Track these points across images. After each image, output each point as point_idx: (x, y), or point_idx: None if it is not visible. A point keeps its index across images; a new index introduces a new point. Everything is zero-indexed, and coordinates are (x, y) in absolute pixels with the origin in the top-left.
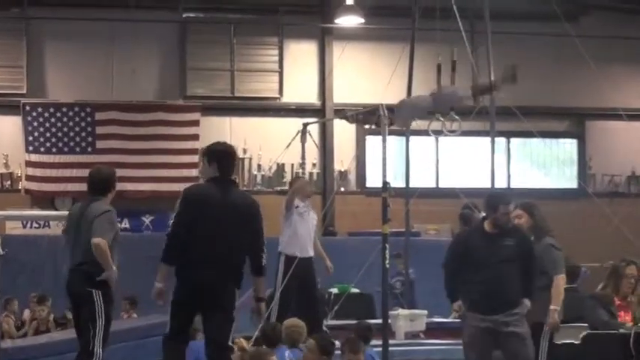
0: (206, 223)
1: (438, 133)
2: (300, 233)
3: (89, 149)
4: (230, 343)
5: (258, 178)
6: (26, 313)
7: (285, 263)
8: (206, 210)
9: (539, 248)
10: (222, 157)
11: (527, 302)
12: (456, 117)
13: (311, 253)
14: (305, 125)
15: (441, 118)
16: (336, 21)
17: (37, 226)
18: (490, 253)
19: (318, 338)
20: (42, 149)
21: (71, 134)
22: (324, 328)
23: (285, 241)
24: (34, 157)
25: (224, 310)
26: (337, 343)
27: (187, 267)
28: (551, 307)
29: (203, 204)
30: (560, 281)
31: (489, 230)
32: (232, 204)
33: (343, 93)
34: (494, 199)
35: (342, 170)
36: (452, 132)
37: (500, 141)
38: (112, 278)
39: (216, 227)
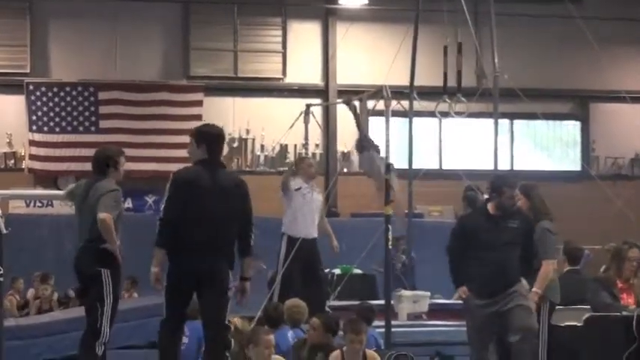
0: (197, 206)
1: (445, 114)
2: (302, 214)
3: (92, 129)
4: (227, 322)
5: (261, 159)
6: (30, 293)
7: (287, 244)
8: (196, 193)
9: (536, 231)
10: (211, 139)
11: (524, 281)
12: (463, 99)
13: (314, 235)
14: (308, 106)
15: (448, 100)
16: (340, 1)
17: (40, 205)
18: (495, 235)
19: (323, 317)
20: (45, 128)
21: (74, 114)
22: (327, 309)
23: (288, 222)
24: (38, 137)
25: (219, 290)
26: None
27: (180, 251)
28: (533, 289)
29: (193, 187)
30: (549, 267)
31: (493, 212)
32: (221, 186)
33: (346, 74)
34: (500, 181)
35: (345, 151)
36: (459, 114)
37: (504, 123)
38: (116, 252)
39: (207, 210)
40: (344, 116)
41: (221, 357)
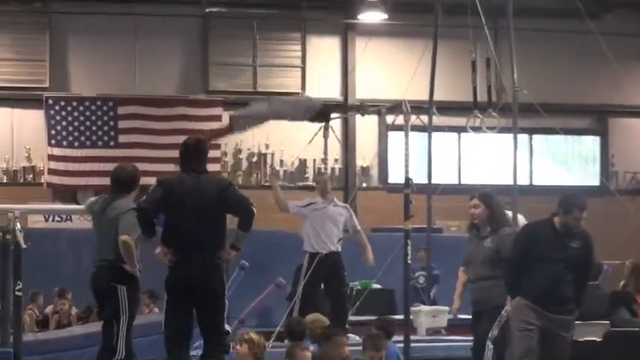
0: (180, 214)
1: (476, 129)
2: (317, 229)
3: (111, 143)
4: (227, 327)
5: (281, 174)
6: (49, 308)
7: (307, 260)
8: (177, 200)
9: (498, 238)
10: (186, 149)
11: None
12: (495, 114)
13: (333, 248)
14: (327, 121)
15: (479, 116)
16: (359, 17)
17: (59, 219)
18: (558, 251)
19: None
20: (64, 143)
21: (93, 128)
22: (347, 326)
23: (306, 238)
24: (57, 151)
25: (216, 295)
26: (357, 338)
27: (174, 261)
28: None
29: (174, 194)
30: None
31: (558, 228)
32: (202, 190)
33: (366, 89)
34: (572, 200)
35: (365, 166)
36: (491, 129)
37: (523, 138)
38: (136, 273)
39: (192, 217)
40: (363, 131)
41: None
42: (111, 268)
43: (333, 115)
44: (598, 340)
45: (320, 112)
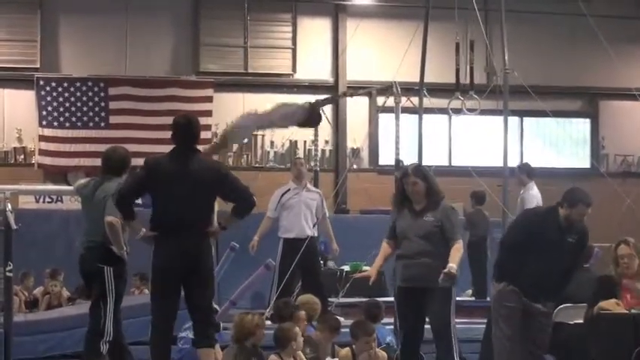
0: (167, 192)
1: (456, 111)
2: (291, 214)
3: (102, 124)
4: (214, 305)
5: (271, 155)
6: (38, 290)
7: (282, 245)
8: (164, 177)
9: (441, 214)
10: (177, 128)
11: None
12: (476, 96)
13: (308, 233)
14: None
15: (460, 97)
16: None
17: (49, 200)
18: (556, 245)
19: (323, 319)
20: (55, 124)
21: (84, 109)
22: (329, 308)
23: (280, 224)
24: (48, 132)
25: (205, 273)
26: (343, 320)
27: (160, 239)
28: (451, 264)
29: (161, 174)
30: (461, 245)
31: (561, 221)
32: (192, 170)
33: (356, 70)
34: (578, 194)
35: (355, 148)
36: (471, 110)
37: (513, 120)
38: (124, 255)
39: (179, 194)
40: (354, 112)
41: (211, 339)
42: (98, 249)
43: (324, 97)
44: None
45: (310, 113)
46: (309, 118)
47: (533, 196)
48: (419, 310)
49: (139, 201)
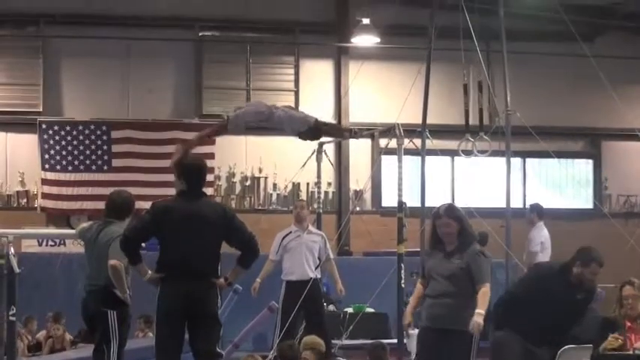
0: (175, 237)
1: (468, 153)
2: (292, 257)
3: (105, 167)
4: (218, 350)
5: (274, 198)
6: (41, 333)
7: (285, 288)
8: (173, 221)
9: (469, 257)
10: (189, 171)
11: None
12: (486, 137)
13: (311, 275)
14: (321, 144)
15: (471, 139)
16: (353, 40)
17: (52, 244)
18: (563, 302)
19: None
20: (58, 167)
21: (87, 152)
22: (333, 350)
23: (284, 268)
24: (50, 175)
25: (210, 317)
26: None
27: (166, 282)
28: (479, 310)
29: (169, 216)
30: (488, 289)
31: (572, 279)
32: (199, 214)
33: (359, 112)
34: (592, 254)
35: (358, 190)
36: (482, 152)
37: (516, 161)
38: (127, 299)
39: (188, 238)
40: (356, 154)
41: None
42: (101, 292)
43: (326, 139)
44: None
45: (312, 129)
46: (311, 131)
47: (542, 235)
48: (439, 352)
49: (143, 244)
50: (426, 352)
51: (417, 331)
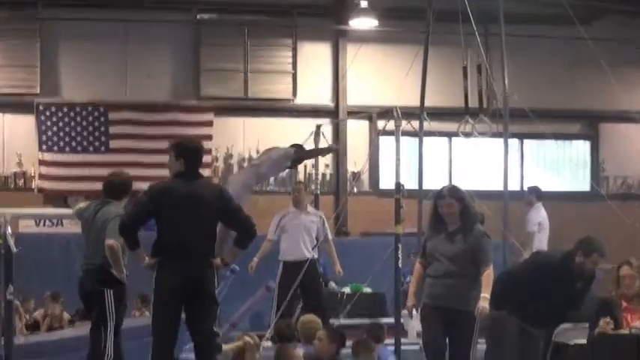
0: (174, 217)
1: (468, 135)
2: (289, 237)
3: (102, 149)
4: (216, 329)
5: (272, 179)
6: (38, 312)
7: (281, 268)
8: (171, 203)
9: (473, 238)
10: (189, 153)
11: None
12: (486, 119)
13: (308, 256)
14: (318, 126)
15: (471, 121)
16: (350, 23)
17: (49, 224)
18: (564, 290)
19: (327, 328)
20: (55, 148)
21: (84, 134)
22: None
23: (281, 248)
24: (48, 156)
25: (207, 296)
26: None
27: (164, 263)
28: (484, 294)
29: (168, 198)
30: (492, 271)
31: (574, 269)
32: (198, 195)
33: (357, 95)
34: (593, 245)
35: (356, 171)
36: (482, 134)
37: (514, 143)
38: (123, 279)
39: (186, 220)
40: (354, 136)
41: None
42: (98, 272)
43: (323, 121)
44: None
45: (295, 159)
46: (296, 161)
47: (540, 215)
48: (442, 328)
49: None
50: (429, 326)
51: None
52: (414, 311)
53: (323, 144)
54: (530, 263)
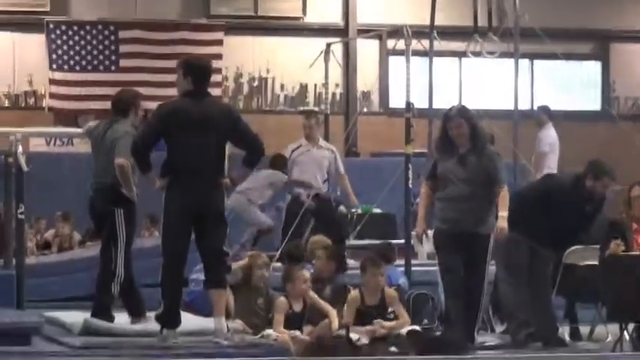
0: (183, 137)
1: (477, 54)
2: (301, 170)
3: (113, 67)
4: (225, 249)
5: (282, 98)
6: (49, 233)
7: (290, 201)
8: (181, 123)
9: (487, 159)
10: (197, 71)
11: None
12: (495, 38)
13: (318, 191)
14: (328, 45)
15: (480, 40)
16: None
17: (60, 143)
18: (574, 213)
19: (326, 247)
20: (66, 67)
21: (95, 52)
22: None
23: (290, 180)
24: (58, 75)
25: (216, 216)
26: (353, 262)
27: (173, 182)
28: (500, 213)
29: (177, 117)
30: (506, 191)
31: (584, 193)
32: (207, 115)
33: (366, 13)
34: (604, 168)
35: (366, 91)
36: (491, 53)
37: (524, 63)
38: (133, 197)
39: (196, 139)
40: (364, 55)
41: (222, 281)
42: (108, 191)
43: (333, 40)
44: (597, 264)
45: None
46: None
47: (550, 135)
48: (458, 253)
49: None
50: (445, 254)
51: (430, 233)
52: (424, 237)
53: (333, 64)
54: (542, 186)
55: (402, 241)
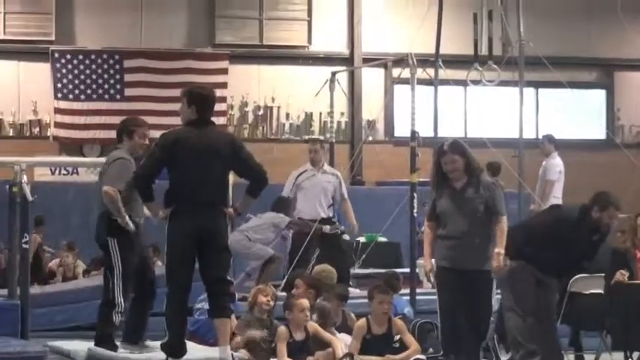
0: (186, 166)
1: (476, 82)
2: (305, 196)
3: (118, 96)
4: (229, 277)
5: (287, 127)
6: (54, 262)
7: (295, 231)
8: (185, 152)
9: (485, 190)
10: (201, 100)
11: None
12: (495, 66)
13: (323, 215)
14: (333, 74)
15: (479, 68)
16: None
17: (65, 172)
18: (580, 244)
19: (304, 277)
20: (71, 96)
21: (100, 81)
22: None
23: (295, 205)
24: (63, 104)
25: (220, 245)
26: (358, 291)
27: (176, 212)
28: (497, 250)
29: (180, 146)
30: (505, 223)
31: (590, 224)
32: (210, 143)
33: (372, 42)
34: (610, 199)
35: (371, 119)
36: (490, 81)
37: (529, 91)
38: (127, 225)
39: (199, 168)
40: (369, 84)
41: (227, 309)
42: (103, 220)
43: (339, 69)
44: (602, 292)
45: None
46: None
47: (556, 164)
48: (460, 291)
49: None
50: (448, 292)
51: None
52: (432, 277)
53: (338, 92)
54: (549, 217)
55: (407, 270)
